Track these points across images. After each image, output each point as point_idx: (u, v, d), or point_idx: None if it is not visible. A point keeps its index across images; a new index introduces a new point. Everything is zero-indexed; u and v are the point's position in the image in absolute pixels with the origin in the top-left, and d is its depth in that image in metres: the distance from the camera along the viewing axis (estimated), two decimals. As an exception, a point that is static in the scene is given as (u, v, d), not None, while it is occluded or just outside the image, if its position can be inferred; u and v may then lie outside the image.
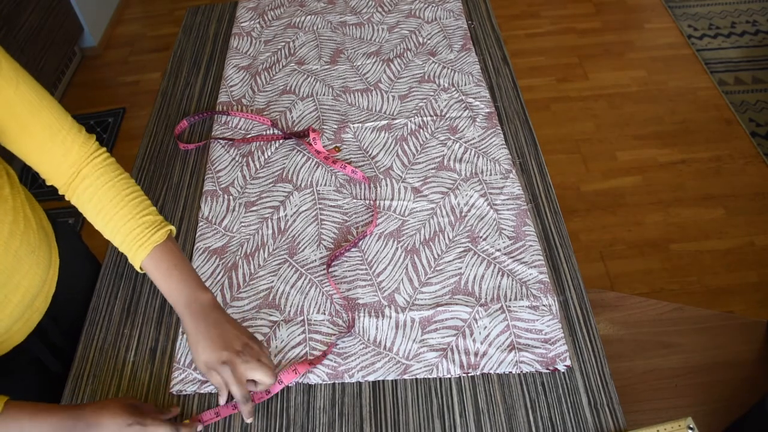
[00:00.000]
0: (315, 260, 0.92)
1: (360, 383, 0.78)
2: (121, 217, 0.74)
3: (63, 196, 0.78)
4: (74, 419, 0.67)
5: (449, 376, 0.78)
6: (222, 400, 0.75)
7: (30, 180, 2.18)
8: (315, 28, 1.37)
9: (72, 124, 0.75)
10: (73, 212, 2.04)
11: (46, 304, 0.82)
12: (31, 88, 0.71)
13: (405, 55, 1.27)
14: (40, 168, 0.75)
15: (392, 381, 0.78)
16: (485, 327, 0.82)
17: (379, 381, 0.78)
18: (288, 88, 1.22)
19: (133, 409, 0.69)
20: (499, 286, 0.87)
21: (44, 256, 0.80)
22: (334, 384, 0.78)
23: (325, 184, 1.03)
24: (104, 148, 0.78)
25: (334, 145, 1.08)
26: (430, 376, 0.78)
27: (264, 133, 1.13)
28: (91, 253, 1.01)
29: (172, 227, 0.77)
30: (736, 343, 1.08)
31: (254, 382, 0.74)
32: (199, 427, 0.75)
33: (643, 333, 1.10)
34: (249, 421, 0.75)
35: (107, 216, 0.74)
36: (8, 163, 0.79)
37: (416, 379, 0.78)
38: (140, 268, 0.75)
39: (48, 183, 0.77)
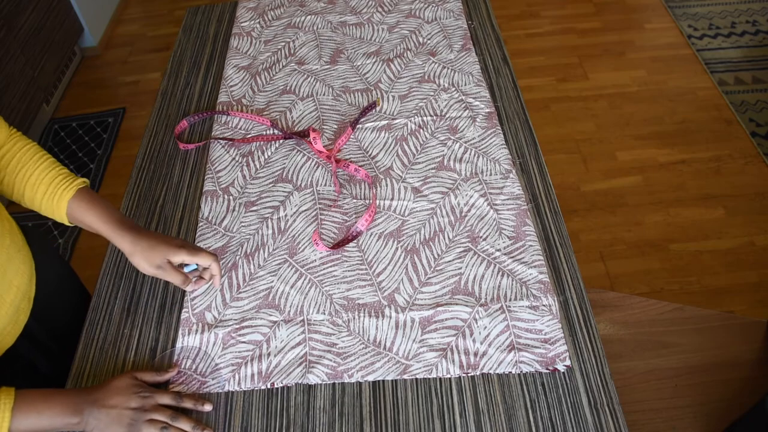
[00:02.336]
0: (315, 260, 0.92)
1: (360, 383, 0.78)
2: (43, 169, 0.80)
3: None
4: (85, 393, 0.72)
5: (449, 376, 0.78)
6: (194, 284, 0.84)
7: None
8: (315, 28, 1.37)
9: None
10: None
11: (30, 305, 0.83)
12: None
13: (405, 55, 1.27)
14: None
15: (392, 381, 0.78)
16: (485, 327, 0.82)
17: (379, 381, 0.78)
18: (288, 88, 1.22)
19: (137, 379, 0.77)
20: (499, 286, 0.87)
21: (27, 255, 0.82)
22: (334, 384, 0.78)
23: (325, 184, 1.03)
24: (15, 129, 0.83)
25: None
26: (429, 376, 0.78)
27: (264, 133, 1.13)
28: (59, 255, 1.03)
29: (87, 180, 0.84)
30: (736, 343, 1.08)
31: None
32: (207, 407, 0.76)
33: (643, 333, 1.10)
34: (216, 286, 0.86)
35: (29, 172, 0.79)
36: None
37: (416, 379, 0.78)
38: (66, 216, 0.80)
39: None
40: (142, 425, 0.70)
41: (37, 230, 0.93)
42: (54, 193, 0.79)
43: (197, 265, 0.84)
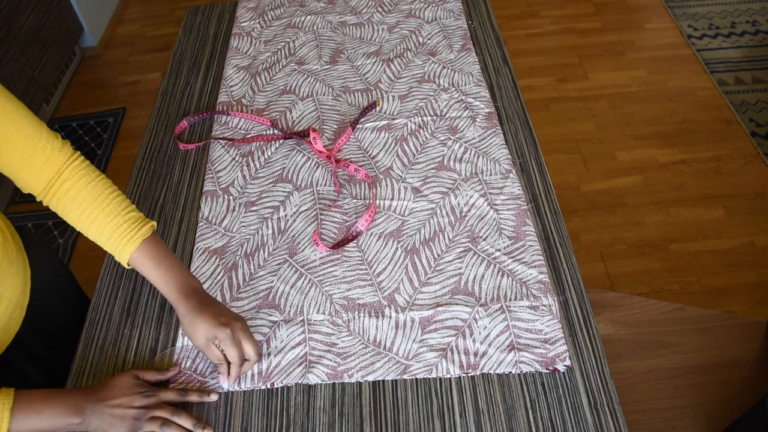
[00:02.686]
0: (315, 260, 0.92)
1: (360, 383, 0.78)
2: (106, 214, 0.75)
3: (40, 202, 0.79)
4: (86, 392, 0.71)
5: (449, 376, 0.78)
6: (222, 378, 0.77)
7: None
8: (315, 28, 1.37)
9: (48, 131, 0.76)
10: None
11: (23, 314, 0.82)
12: (7, 100, 0.70)
13: (405, 55, 1.27)
14: (19, 177, 0.75)
15: (392, 381, 0.78)
16: (485, 327, 0.82)
17: (379, 381, 0.78)
18: (288, 88, 1.22)
19: (139, 378, 0.76)
20: (499, 286, 0.87)
21: (21, 266, 0.81)
22: (334, 384, 0.78)
23: (325, 184, 1.03)
24: (79, 152, 0.79)
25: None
26: (429, 376, 0.78)
27: (264, 133, 1.13)
28: (58, 258, 1.02)
29: (154, 222, 0.79)
30: (736, 343, 1.08)
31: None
32: (213, 397, 0.77)
33: (643, 333, 1.10)
34: (230, 384, 0.77)
35: (92, 215, 0.75)
36: None
37: (416, 379, 0.78)
38: (127, 264, 0.77)
39: (25, 191, 0.77)
40: (144, 423, 0.70)
41: (36, 232, 0.93)
42: (118, 242, 0.75)
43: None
